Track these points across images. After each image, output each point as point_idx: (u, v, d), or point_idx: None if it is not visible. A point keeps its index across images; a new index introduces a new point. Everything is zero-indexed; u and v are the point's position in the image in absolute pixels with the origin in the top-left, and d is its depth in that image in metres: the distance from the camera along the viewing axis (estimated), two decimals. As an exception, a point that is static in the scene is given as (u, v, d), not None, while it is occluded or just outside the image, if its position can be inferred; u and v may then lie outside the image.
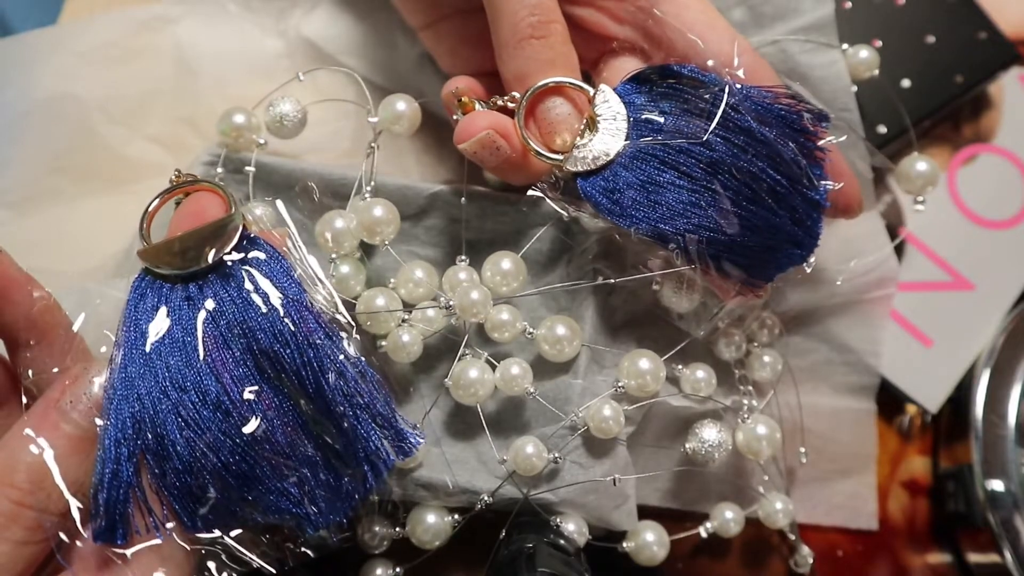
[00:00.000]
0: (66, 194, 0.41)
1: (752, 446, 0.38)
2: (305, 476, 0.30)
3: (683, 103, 0.35)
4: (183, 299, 0.30)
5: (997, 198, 0.47)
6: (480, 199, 0.39)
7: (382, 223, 0.37)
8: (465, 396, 0.36)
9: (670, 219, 0.34)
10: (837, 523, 0.43)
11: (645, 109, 0.35)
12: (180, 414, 0.28)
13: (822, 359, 0.44)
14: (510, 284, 0.37)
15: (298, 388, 0.30)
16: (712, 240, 0.34)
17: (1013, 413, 0.43)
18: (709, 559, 0.42)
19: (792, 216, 0.34)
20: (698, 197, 0.34)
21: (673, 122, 0.35)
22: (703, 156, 0.34)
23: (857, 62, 0.43)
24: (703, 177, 0.34)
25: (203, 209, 0.31)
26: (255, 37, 0.45)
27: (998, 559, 0.41)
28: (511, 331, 0.36)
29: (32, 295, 0.29)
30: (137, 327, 0.29)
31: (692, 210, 0.34)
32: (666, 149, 0.34)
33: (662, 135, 0.34)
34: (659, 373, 0.36)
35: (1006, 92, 0.49)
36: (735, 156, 0.33)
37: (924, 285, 0.46)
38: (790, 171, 0.34)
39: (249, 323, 0.29)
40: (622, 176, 0.35)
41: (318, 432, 0.30)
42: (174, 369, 0.29)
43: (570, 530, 0.36)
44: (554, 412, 0.36)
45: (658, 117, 0.35)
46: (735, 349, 0.40)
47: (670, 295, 0.37)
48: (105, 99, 0.42)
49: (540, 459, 0.35)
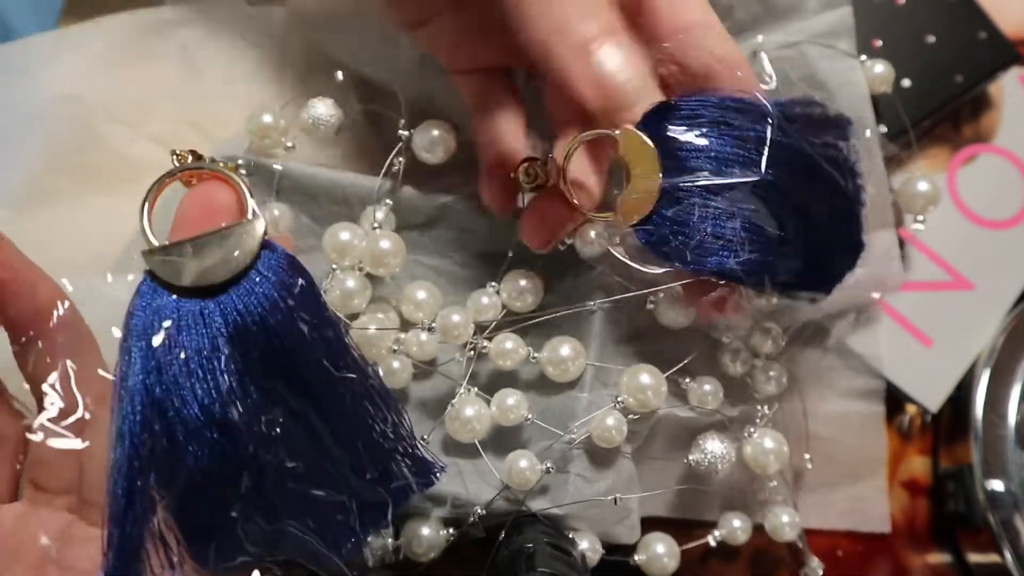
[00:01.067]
0: (68, 194, 0.41)
1: (760, 460, 0.38)
2: (326, 508, 0.28)
3: (718, 129, 0.32)
4: (196, 315, 0.26)
5: (997, 198, 0.47)
6: (489, 212, 0.39)
7: (388, 255, 0.37)
8: (462, 433, 0.36)
9: (732, 253, 0.32)
10: (848, 527, 0.43)
11: (678, 143, 0.32)
12: (196, 445, 0.26)
13: (827, 365, 0.44)
14: (526, 301, 0.37)
15: (321, 418, 0.28)
16: (774, 265, 0.32)
17: (1013, 413, 0.43)
18: (717, 567, 0.42)
19: (846, 225, 0.35)
20: (756, 223, 0.32)
21: (714, 148, 0.32)
22: (753, 183, 0.32)
23: (872, 76, 0.43)
24: (755, 203, 0.32)
25: (214, 201, 0.28)
26: (258, 37, 0.45)
27: (998, 559, 0.41)
28: (514, 358, 0.37)
29: (38, 287, 0.28)
30: (143, 343, 0.26)
31: (754, 238, 0.32)
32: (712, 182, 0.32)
33: (706, 165, 0.32)
34: (660, 388, 0.36)
35: (1006, 92, 0.49)
36: (785, 178, 0.32)
37: (924, 285, 0.46)
38: (836, 181, 0.34)
39: (273, 347, 0.26)
40: (670, 218, 0.32)
41: (341, 463, 0.28)
42: (189, 396, 0.26)
43: (584, 547, 0.36)
44: (556, 429, 0.36)
45: (697, 145, 0.32)
46: (740, 364, 0.40)
47: (666, 312, 0.38)
48: (108, 100, 0.42)
49: (534, 472, 0.35)
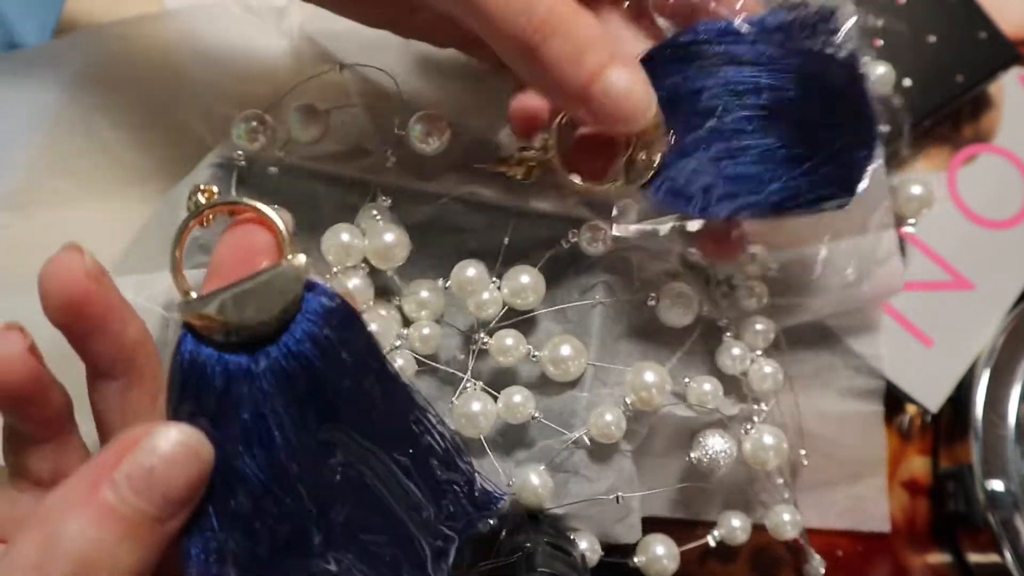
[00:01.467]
0: (69, 197, 0.41)
1: (759, 456, 0.38)
2: (398, 554, 0.26)
3: (705, 63, 0.32)
4: (244, 371, 0.24)
5: (997, 198, 0.47)
6: (488, 209, 0.39)
7: (393, 248, 0.36)
8: (468, 428, 0.36)
9: (751, 189, 0.31)
10: (848, 527, 0.43)
11: (669, 89, 0.32)
12: (261, 508, 0.24)
13: (826, 364, 0.44)
14: (527, 299, 0.37)
15: (385, 459, 0.26)
16: (796, 186, 0.32)
17: (1013, 413, 0.43)
18: (717, 567, 0.42)
19: (855, 119, 0.33)
20: (768, 150, 0.31)
21: (710, 85, 0.32)
22: (753, 103, 0.31)
23: (874, 79, 0.43)
24: (763, 130, 0.31)
25: (253, 245, 0.25)
26: (258, 37, 0.45)
27: (998, 559, 0.41)
28: (515, 355, 0.37)
29: (128, 327, 0.25)
30: (194, 405, 0.24)
31: (769, 166, 0.31)
32: (713, 118, 0.31)
33: (706, 104, 0.32)
34: (664, 386, 0.36)
35: (1006, 92, 0.49)
36: (786, 95, 0.31)
37: (924, 285, 0.46)
38: (836, 79, 0.33)
39: (326, 394, 0.25)
40: (681, 166, 0.32)
41: (410, 507, 0.26)
42: (249, 459, 0.24)
43: (583, 547, 0.36)
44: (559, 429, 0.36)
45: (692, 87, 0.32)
46: (738, 362, 0.40)
47: (667, 310, 0.38)
48: (109, 102, 0.42)
49: (545, 488, 0.35)
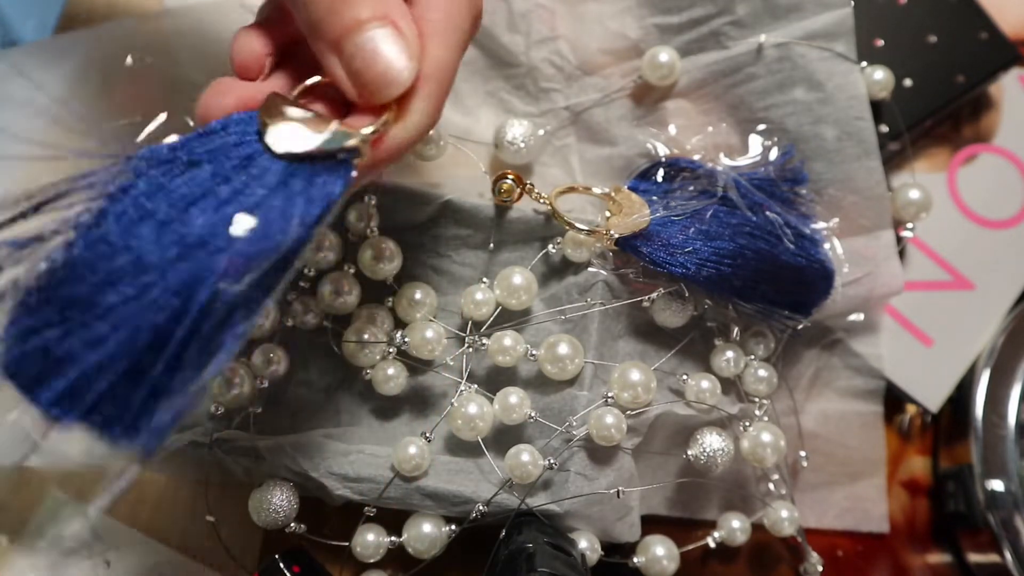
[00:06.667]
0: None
1: (757, 453, 0.38)
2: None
3: (687, 187, 0.40)
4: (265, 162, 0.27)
5: (997, 198, 0.47)
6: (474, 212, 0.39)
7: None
8: (466, 431, 0.36)
9: (713, 264, 0.37)
10: (847, 527, 0.43)
11: (656, 193, 0.40)
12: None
13: (827, 365, 0.44)
14: (520, 298, 0.38)
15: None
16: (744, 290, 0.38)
17: (1013, 413, 0.43)
18: (717, 567, 0.42)
19: (806, 256, 0.39)
20: (732, 244, 0.37)
21: (682, 197, 0.39)
22: (725, 217, 0.38)
23: (872, 82, 0.43)
24: (729, 233, 0.38)
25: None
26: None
27: (998, 559, 0.41)
28: (513, 355, 0.37)
29: None
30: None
31: (726, 261, 0.37)
32: (692, 209, 0.38)
33: (680, 206, 0.39)
34: (650, 384, 0.36)
35: (1006, 92, 0.49)
36: (747, 218, 0.38)
37: (924, 285, 0.46)
38: (787, 225, 0.39)
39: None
40: (659, 232, 0.38)
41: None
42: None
43: (583, 547, 0.36)
44: (557, 427, 0.36)
45: (671, 188, 0.40)
46: (732, 365, 0.40)
47: (661, 311, 0.39)
48: (110, 102, 0.42)
49: (536, 467, 0.35)
